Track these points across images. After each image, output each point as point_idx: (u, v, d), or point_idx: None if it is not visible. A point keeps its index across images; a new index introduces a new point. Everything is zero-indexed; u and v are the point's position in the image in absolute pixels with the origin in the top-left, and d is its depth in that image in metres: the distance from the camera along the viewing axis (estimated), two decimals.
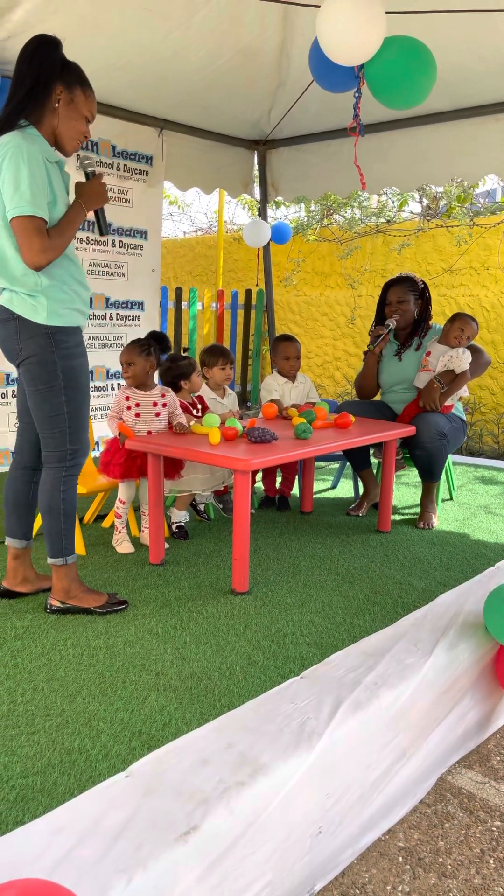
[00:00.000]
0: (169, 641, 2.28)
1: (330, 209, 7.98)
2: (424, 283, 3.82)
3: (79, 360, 2.38)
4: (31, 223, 2.14)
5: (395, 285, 3.77)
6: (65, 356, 2.32)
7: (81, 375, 2.39)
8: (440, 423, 3.48)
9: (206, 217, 14.68)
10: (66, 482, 2.40)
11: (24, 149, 2.15)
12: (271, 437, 2.86)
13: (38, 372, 2.30)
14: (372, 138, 4.99)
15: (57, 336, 2.30)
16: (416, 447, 3.52)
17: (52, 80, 2.24)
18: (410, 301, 3.74)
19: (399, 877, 1.70)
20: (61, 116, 2.29)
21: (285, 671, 2.10)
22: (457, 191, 6.86)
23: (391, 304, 3.76)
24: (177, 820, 1.37)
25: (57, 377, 2.31)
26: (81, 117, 2.33)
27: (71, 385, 2.34)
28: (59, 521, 2.40)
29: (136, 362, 3.08)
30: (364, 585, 2.79)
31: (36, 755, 1.68)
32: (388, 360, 3.84)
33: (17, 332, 2.29)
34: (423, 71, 2.46)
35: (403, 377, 3.77)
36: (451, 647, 2.10)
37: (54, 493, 2.39)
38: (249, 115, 5.04)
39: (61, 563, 2.43)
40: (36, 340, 2.27)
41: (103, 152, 4.67)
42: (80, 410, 2.40)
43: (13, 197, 2.14)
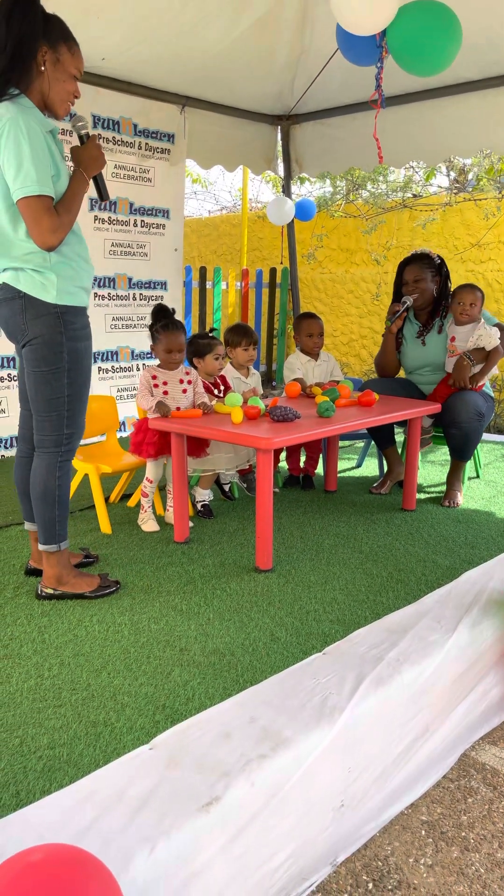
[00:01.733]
0: (193, 618, 2.31)
1: (355, 184, 7.86)
2: (441, 259, 3.73)
3: (84, 342, 2.31)
4: (40, 203, 2.07)
5: (411, 264, 3.68)
6: (72, 338, 2.25)
7: (86, 358, 2.32)
8: (478, 403, 3.43)
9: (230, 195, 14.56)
10: (62, 468, 2.34)
11: (23, 122, 2.05)
12: (294, 415, 2.85)
13: (43, 353, 2.22)
14: (397, 110, 4.89)
15: (66, 316, 2.23)
16: (452, 426, 3.47)
17: (35, 40, 2.10)
18: (427, 279, 3.65)
19: (421, 850, 1.71)
20: (49, 79, 2.16)
21: (308, 647, 2.11)
22: (486, 163, 6.71)
23: (407, 283, 3.68)
24: (199, 791, 1.39)
25: (62, 359, 2.24)
26: (69, 77, 2.21)
27: (74, 368, 2.27)
28: (52, 508, 2.34)
29: (182, 349, 3.09)
30: (388, 563, 2.79)
31: (62, 727, 1.72)
32: (411, 342, 3.78)
33: (23, 310, 2.21)
34: (446, 34, 2.40)
35: (428, 360, 3.72)
36: (475, 625, 2.09)
37: (49, 479, 2.32)
38: (272, 90, 4.97)
39: (54, 549, 2.38)
40: (44, 320, 2.20)
41: (125, 131, 4.65)
42: (81, 394, 2.33)
43: (17, 176, 2.05)
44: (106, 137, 4.56)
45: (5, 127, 2.05)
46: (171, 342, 3.07)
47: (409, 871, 1.64)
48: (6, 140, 2.05)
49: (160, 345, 3.09)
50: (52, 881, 0.98)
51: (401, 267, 3.74)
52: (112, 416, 3.55)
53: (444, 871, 1.64)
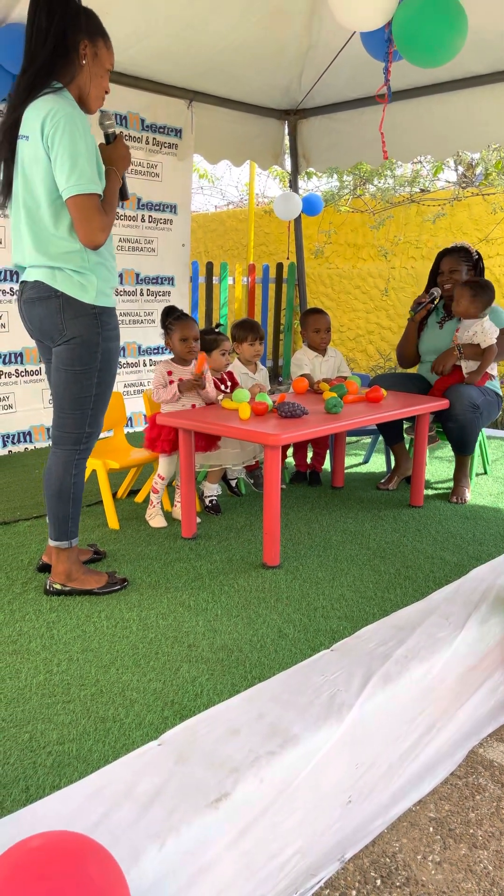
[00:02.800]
0: (201, 614, 2.31)
1: (363, 179, 7.83)
2: (479, 255, 3.77)
3: (115, 342, 2.34)
4: (92, 201, 2.08)
5: (449, 254, 3.72)
6: (106, 338, 2.28)
7: (115, 359, 2.35)
8: (473, 395, 3.43)
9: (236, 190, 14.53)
10: (78, 465, 2.35)
11: (77, 119, 2.05)
12: (301, 411, 2.85)
13: (80, 353, 2.24)
14: (405, 105, 4.86)
15: (102, 317, 2.25)
16: (448, 419, 3.47)
17: (77, 34, 2.10)
18: (463, 271, 3.69)
19: (430, 847, 1.71)
20: (87, 72, 2.16)
21: (316, 644, 2.11)
22: (494, 157, 6.68)
23: (443, 273, 3.72)
24: (208, 787, 1.39)
25: (96, 359, 2.26)
26: (105, 72, 2.22)
27: (105, 368, 2.30)
28: (67, 505, 2.35)
29: (197, 337, 3.12)
30: (395, 560, 2.78)
31: (71, 723, 1.73)
32: (431, 327, 3.81)
33: (61, 310, 2.21)
34: (450, 25, 2.38)
35: (439, 346, 3.72)
36: (483, 622, 2.08)
37: (65, 477, 2.33)
38: (279, 84, 4.95)
39: (66, 546, 2.39)
40: (83, 321, 2.22)
41: (132, 126, 4.64)
42: (106, 394, 2.36)
43: (72, 173, 2.04)
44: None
45: (61, 122, 2.04)
46: (185, 330, 3.08)
47: (417, 867, 1.65)
48: (62, 135, 2.03)
49: (175, 335, 3.09)
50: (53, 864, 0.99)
51: (439, 256, 3.78)
52: (119, 411, 3.56)
53: (452, 868, 1.65)
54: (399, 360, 3.97)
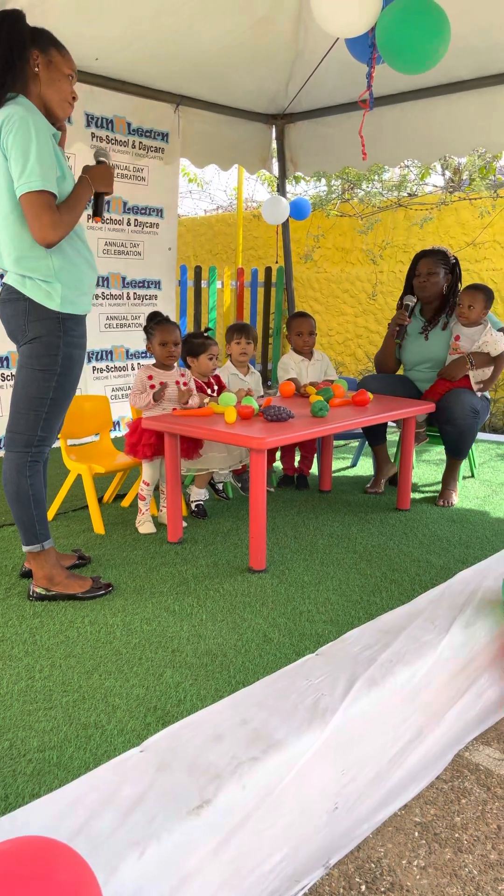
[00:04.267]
0: (185, 619, 2.29)
1: (350, 183, 7.86)
2: (456, 259, 3.76)
3: (79, 350, 2.34)
4: (42, 198, 2.10)
5: (426, 257, 3.70)
6: (69, 343, 2.29)
7: (77, 367, 2.35)
8: (473, 401, 3.43)
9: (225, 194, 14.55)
10: (32, 467, 2.33)
11: (31, 121, 2.09)
12: (287, 415, 2.85)
13: (39, 352, 2.26)
14: (392, 109, 4.89)
15: (67, 322, 2.27)
16: (447, 423, 3.47)
17: (25, 48, 2.17)
18: (440, 274, 3.67)
19: (415, 851, 1.70)
20: (44, 81, 2.21)
21: (301, 648, 2.10)
22: (479, 162, 6.71)
23: (420, 275, 3.69)
24: (190, 794, 1.38)
25: (56, 362, 2.27)
26: (64, 76, 2.25)
27: (65, 373, 2.30)
28: (29, 508, 2.33)
29: (178, 342, 3.10)
30: (381, 563, 2.78)
31: (53, 730, 1.71)
32: (413, 338, 3.78)
33: (27, 313, 2.25)
34: (433, 33, 2.38)
35: (428, 356, 3.72)
36: (469, 625, 2.08)
37: (20, 480, 2.32)
38: (267, 89, 4.96)
39: (38, 549, 2.37)
40: (45, 324, 2.24)
41: (118, 129, 4.63)
42: (64, 400, 2.35)
43: (22, 172, 2.08)
44: (99, 136, 4.54)
45: (14, 125, 2.08)
46: (164, 334, 3.07)
47: (402, 872, 1.64)
48: (14, 137, 2.08)
49: (154, 339, 3.08)
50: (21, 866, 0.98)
51: (416, 259, 3.75)
52: (105, 415, 3.54)
53: (437, 872, 1.64)
54: (377, 370, 3.97)
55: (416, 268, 3.72)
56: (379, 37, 2.41)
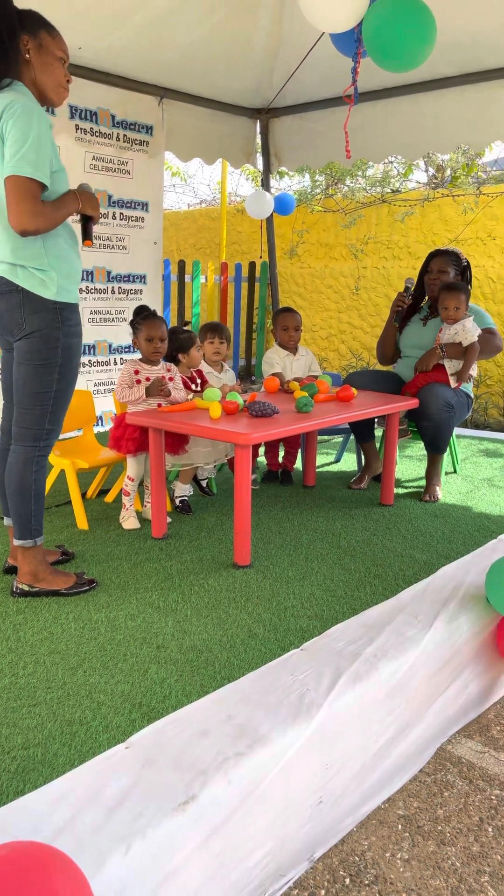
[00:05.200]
0: (170, 615, 2.29)
1: (335, 179, 7.86)
2: (468, 263, 3.83)
3: (77, 339, 2.34)
4: (29, 185, 2.06)
5: (439, 256, 3.78)
6: (67, 334, 2.28)
7: (77, 356, 2.35)
8: (447, 395, 3.46)
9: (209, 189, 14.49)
10: (38, 462, 2.34)
11: (35, 111, 2.06)
12: (272, 410, 2.85)
13: (39, 346, 2.25)
14: (376, 105, 4.89)
15: (63, 312, 2.26)
16: (422, 419, 3.50)
17: (14, 33, 2.12)
18: (450, 274, 3.74)
19: (398, 844, 1.72)
20: (36, 66, 2.18)
21: (286, 643, 2.10)
22: (462, 159, 6.74)
23: (432, 272, 3.77)
24: (175, 790, 1.38)
25: (57, 354, 2.27)
26: (56, 59, 2.22)
27: (66, 364, 2.30)
28: (29, 503, 2.33)
29: (164, 338, 3.07)
30: (365, 558, 2.79)
31: (37, 727, 1.70)
32: (414, 323, 3.85)
33: (21, 305, 2.22)
34: (419, 32, 2.38)
35: (422, 342, 3.75)
36: (452, 620, 2.10)
37: (26, 474, 2.32)
38: (251, 82, 4.94)
39: (30, 545, 2.37)
40: (42, 315, 2.22)
41: (102, 122, 4.60)
42: (67, 391, 2.35)
43: (14, 155, 2.04)
44: (83, 128, 4.50)
45: (17, 111, 2.05)
46: (151, 330, 3.05)
47: (386, 865, 1.65)
48: (15, 122, 2.04)
49: (141, 334, 3.06)
50: (17, 876, 0.97)
51: (429, 257, 3.82)
52: (89, 410, 3.52)
53: (420, 865, 1.65)
54: (378, 359, 4.02)
55: (429, 265, 3.80)
56: (366, 33, 2.41)
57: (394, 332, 3.88)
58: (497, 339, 3.65)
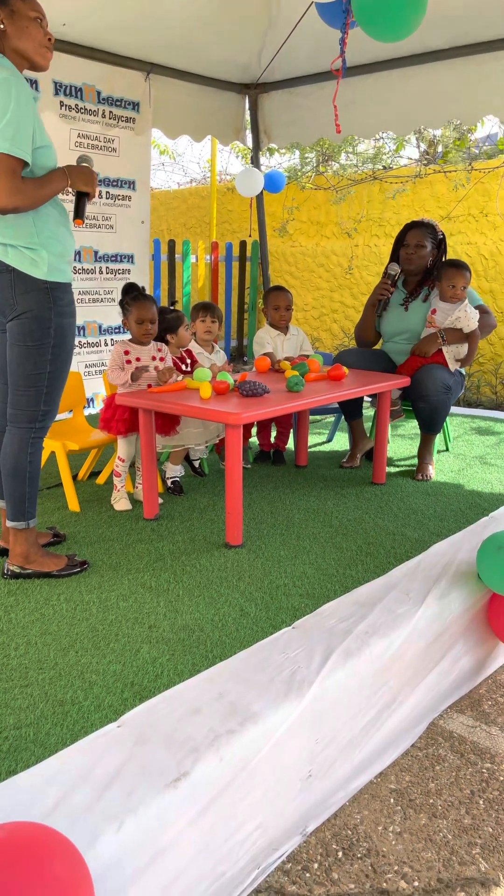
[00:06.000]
0: (162, 595, 2.29)
1: (325, 156, 7.78)
2: (443, 234, 3.75)
3: (70, 319, 2.31)
4: (7, 161, 2.01)
5: (415, 228, 3.67)
6: (60, 314, 2.26)
7: (70, 336, 2.33)
8: (445, 377, 3.45)
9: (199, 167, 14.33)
10: (34, 444, 2.33)
11: (15, 84, 2.02)
12: (263, 390, 2.83)
13: (31, 327, 2.22)
14: (366, 79, 4.82)
15: (55, 292, 2.23)
16: (419, 400, 3.48)
17: None
18: (427, 247, 3.66)
19: (390, 817, 1.73)
20: (12, 34, 2.13)
21: (277, 622, 2.11)
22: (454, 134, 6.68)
23: (409, 246, 3.67)
24: (167, 767, 1.38)
25: (49, 335, 2.24)
26: (31, 21, 2.15)
27: (59, 344, 2.28)
28: (24, 485, 2.33)
29: (154, 319, 3.04)
30: (357, 537, 2.79)
31: (29, 707, 1.70)
32: (394, 308, 3.78)
33: (12, 285, 2.19)
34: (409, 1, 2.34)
35: (406, 328, 3.71)
36: (443, 596, 2.10)
37: (21, 456, 2.31)
38: (239, 56, 4.86)
39: (23, 527, 2.36)
40: (34, 296, 2.19)
41: (87, 98, 4.52)
42: (62, 372, 2.33)
43: None
44: (68, 105, 4.42)
45: None
46: (142, 312, 3.02)
47: (378, 838, 1.67)
48: None
49: (132, 316, 3.03)
50: (17, 858, 0.97)
51: (404, 230, 3.72)
52: (79, 392, 3.49)
53: (412, 838, 1.67)
54: (357, 343, 3.97)
55: (405, 238, 3.70)
56: (355, 3, 2.36)
57: (374, 319, 3.82)
58: (490, 317, 3.63)
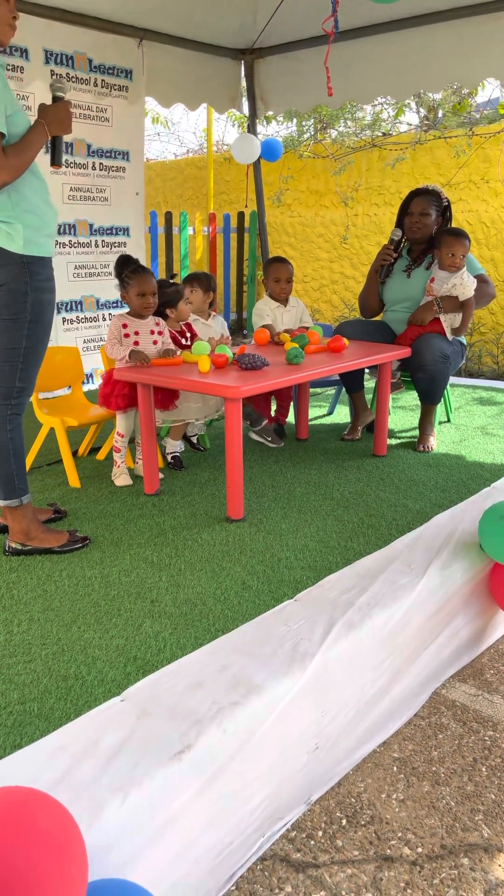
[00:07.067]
0: (164, 569, 2.29)
1: (323, 123, 7.64)
2: (448, 201, 3.69)
3: (48, 294, 2.27)
4: None
5: (420, 196, 3.61)
6: (36, 288, 2.21)
7: (47, 312, 2.28)
8: (443, 346, 3.41)
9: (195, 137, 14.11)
10: (12, 420, 2.30)
11: None
12: (262, 363, 2.81)
13: (6, 301, 2.18)
14: (363, 42, 4.71)
15: (32, 266, 2.19)
16: (417, 370, 3.46)
17: None
18: (432, 215, 3.60)
19: (393, 785, 1.75)
20: None
21: (279, 595, 2.11)
22: (454, 98, 6.55)
23: (413, 214, 3.62)
24: (171, 740, 1.39)
25: (25, 309, 2.20)
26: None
27: (36, 319, 2.24)
28: (8, 462, 2.31)
29: (155, 292, 3.00)
30: (359, 509, 2.79)
31: (33, 682, 1.71)
32: (397, 276, 3.74)
33: None
34: None
35: (407, 295, 3.67)
36: (445, 567, 2.10)
37: (1, 433, 2.29)
38: (233, 20, 4.75)
39: (16, 504, 2.35)
40: (9, 269, 2.16)
41: (79, 67, 4.42)
42: (38, 348, 2.29)
43: None
44: (59, 74, 4.33)
45: None
46: (142, 285, 2.97)
47: (382, 806, 1.68)
48: None
49: (132, 289, 2.98)
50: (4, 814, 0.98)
51: (409, 197, 3.67)
52: (77, 367, 3.47)
53: (415, 805, 1.69)
54: (361, 311, 3.93)
55: (409, 206, 3.64)
56: None
57: (377, 286, 3.78)
58: (489, 286, 3.58)
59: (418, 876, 1.49)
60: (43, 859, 0.96)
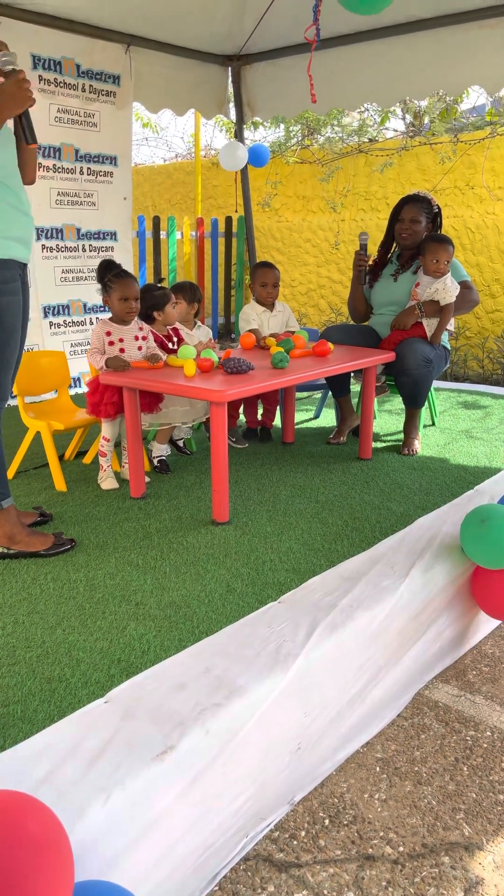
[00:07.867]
0: (149, 572, 2.30)
1: (310, 129, 7.68)
2: (439, 208, 3.72)
3: (12, 297, 2.21)
4: None
5: (411, 203, 3.64)
6: (1, 291, 2.16)
7: (9, 315, 2.22)
8: (426, 350, 3.45)
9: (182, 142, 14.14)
10: None
11: None
12: (247, 367, 2.82)
13: None
14: (349, 50, 4.76)
15: None
16: (401, 374, 3.49)
17: None
18: (422, 222, 3.63)
19: (376, 785, 1.77)
20: None
21: (263, 597, 2.12)
22: (440, 105, 6.61)
23: (403, 221, 3.65)
24: (154, 741, 1.40)
25: None
26: None
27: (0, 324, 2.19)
28: None
29: (138, 297, 3.00)
30: (343, 512, 2.81)
31: (16, 685, 1.71)
32: (385, 279, 3.77)
33: None
34: None
35: (394, 299, 3.70)
36: (427, 569, 2.12)
37: None
38: (220, 27, 4.77)
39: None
40: None
41: (67, 72, 4.43)
42: (4, 352, 2.23)
43: None
44: (47, 79, 4.34)
45: None
46: (125, 289, 2.98)
47: (364, 806, 1.70)
48: None
49: (115, 294, 2.99)
50: None
51: (400, 204, 3.69)
52: (63, 371, 3.47)
53: (397, 804, 1.70)
54: (351, 316, 3.96)
55: (400, 213, 3.66)
56: None
57: (361, 292, 3.81)
58: (473, 292, 3.62)
59: (400, 875, 1.51)
60: (29, 861, 0.97)
